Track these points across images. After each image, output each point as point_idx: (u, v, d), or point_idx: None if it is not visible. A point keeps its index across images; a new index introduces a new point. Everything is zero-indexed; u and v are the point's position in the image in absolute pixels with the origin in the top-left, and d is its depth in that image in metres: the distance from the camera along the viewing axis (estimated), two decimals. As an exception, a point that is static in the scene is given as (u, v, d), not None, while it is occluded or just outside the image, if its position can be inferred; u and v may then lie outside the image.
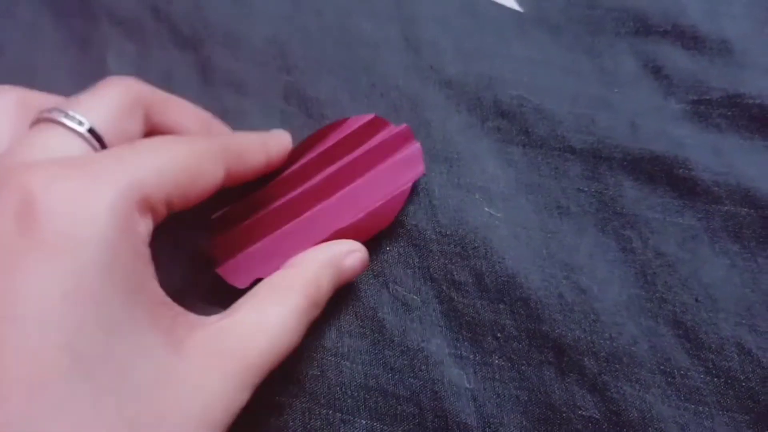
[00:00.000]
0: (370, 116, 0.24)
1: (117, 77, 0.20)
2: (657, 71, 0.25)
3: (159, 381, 0.15)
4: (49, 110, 0.18)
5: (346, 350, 0.22)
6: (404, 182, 0.23)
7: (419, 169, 0.23)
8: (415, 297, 0.23)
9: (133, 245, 0.15)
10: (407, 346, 0.22)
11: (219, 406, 0.16)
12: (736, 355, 0.21)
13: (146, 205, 0.16)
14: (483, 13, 0.27)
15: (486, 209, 0.23)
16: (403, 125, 0.24)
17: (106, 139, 0.18)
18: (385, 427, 0.21)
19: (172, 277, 0.20)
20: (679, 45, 0.25)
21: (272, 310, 0.18)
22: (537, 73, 0.25)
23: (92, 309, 0.14)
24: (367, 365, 0.22)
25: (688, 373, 0.21)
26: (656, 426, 0.20)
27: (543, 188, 0.24)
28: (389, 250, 0.23)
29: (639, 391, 0.21)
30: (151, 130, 0.20)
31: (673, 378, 0.21)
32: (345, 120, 0.24)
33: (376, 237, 0.23)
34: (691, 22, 0.25)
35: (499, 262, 0.22)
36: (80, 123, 0.18)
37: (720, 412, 0.20)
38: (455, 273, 0.22)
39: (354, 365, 0.22)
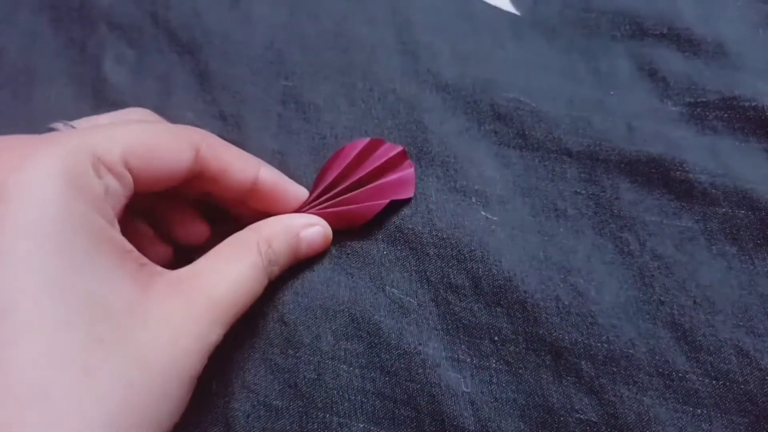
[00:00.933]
0: (366, 140, 0.24)
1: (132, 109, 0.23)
2: (653, 74, 0.25)
3: (126, 310, 0.16)
4: (60, 123, 0.21)
5: (343, 354, 0.22)
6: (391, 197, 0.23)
7: (409, 192, 0.23)
8: (411, 300, 0.22)
9: (90, 199, 0.17)
10: (404, 350, 0.22)
11: (188, 335, 0.17)
12: (734, 358, 0.21)
13: (101, 165, 0.18)
14: (479, 17, 0.27)
15: (482, 213, 0.23)
16: (400, 147, 0.24)
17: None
18: (383, 431, 0.21)
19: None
20: (675, 48, 0.25)
21: (230, 262, 0.20)
22: (533, 76, 0.25)
23: (54, 247, 0.16)
24: (364, 368, 0.22)
25: (687, 376, 0.21)
26: (654, 429, 0.20)
27: (540, 191, 0.24)
28: (386, 253, 0.23)
29: (636, 393, 0.21)
30: (200, 171, 0.21)
31: (671, 380, 0.21)
32: (342, 148, 0.24)
33: (374, 240, 0.23)
34: (686, 25, 0.25)
35: (495, 266, 0.22)
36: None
37: (718, 415, 0.20)
38: (452, 276, 0.22)
39: (351, 368, 0.22)
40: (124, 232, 0.19)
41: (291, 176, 0.24)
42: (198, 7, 0.28)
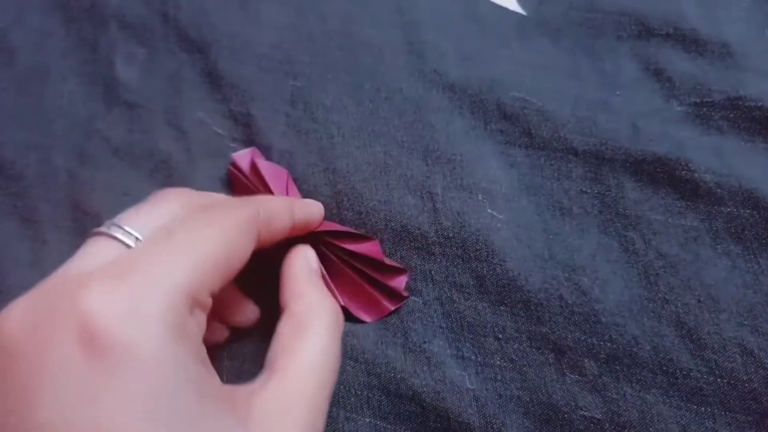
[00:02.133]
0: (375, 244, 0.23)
1: (173, 190, 0.21)
2: (658, 74, 0.25)
3: None
4: (107, 225, 0.18)
5: (350, 350, 0.22)
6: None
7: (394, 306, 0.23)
8: (416, 299, 0.23)
9: (191, 347, 0.16)
10: (409, 347, 0.22)
11: None
12: (738, 356, 0.21)
13: (194, 303, 0.16)
14: (485, 17, 0.27)
15: (489, 211, 0.23)
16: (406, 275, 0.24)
17: None
18: (389, 426, 0.22)
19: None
20: (680, 48, 0.25)
21: (308, 351, 0.19)
22: (539, 76, 0.25)
23: (172, 421, 0.14)
24: (371, 365, 0.22)
25: (691, 374, 0.21)
26: (657, 426, 0.20)
27: (545, 190, 0.24)
28: (392, 253, 0.23)
29: (640, 391, 0.21)
30: None
31: (675, 378, 0.21)
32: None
33: (380, 240, 0.24)
34: (691, 25, 0.25)
35: (500, 265, 0.22)
36: (136, 239, 0.18)
37: (722, 413, 0.20)
38: (457, 275, 0.23)
39: (358, 365, 0.22)
40: None
41: (299, 176, 0.25)
42: (207, 6, 0.28)
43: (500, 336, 0.22)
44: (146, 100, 0.27)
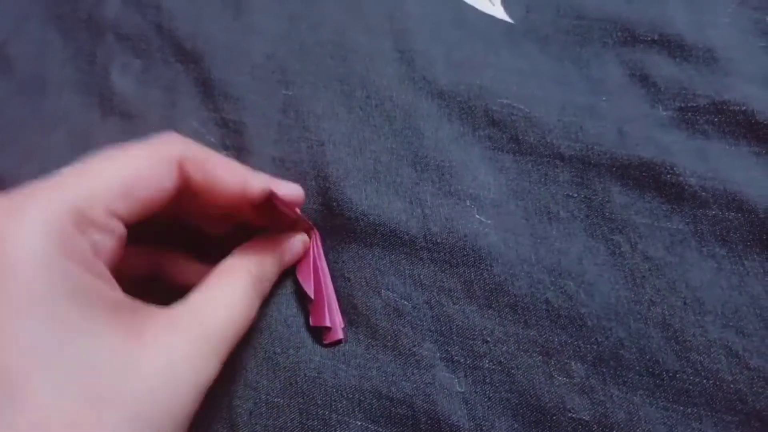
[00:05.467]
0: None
1: (164, 135, 0.21)
2: (644, 79, 0.25)
3: (120, 366, 0.17)
4: None
5: (341, 354, 0.23)
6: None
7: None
8: (406, 303, 0.23)
9: (77, 258, 0.17)
10: (399, 351, 0.22)
11: (186, 377, 0.17)
12: (723, 357, 0.21)
13: (84, 221, 0.18)
14: (473, 25, 0.28)
15: (477, 216, 0.24)
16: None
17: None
18: (380, 429, 0.22)
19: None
20: (666, 54, 0.25)
21: (222, 291, 0.20)
22: (526, 83, 0.26)
23: (45, 317, 0.16)
24: (362, 368, 0.22)
25: (677, 375, 0.21)
26: (644, 427, 0.21)
27: (532, 194, 0.24)
28: (381, 258, 0.24)
29: (626, 393, 0.21)
30: (185, 183, 0.21)
31: (662, 380, 0.21)
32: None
33: (369, 245, 0.24)
34: (676, 31, 0.25)
35: (487, 269, 0.23)
36: None
37: (708, 414, 0.21)
38: (445, 280, 0.23)
39: (349, 368, 0.23)
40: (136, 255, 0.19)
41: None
42: (201, 18, 0.29)
43: (488, 339, 0.22)
44: (141, 110, 0.28)
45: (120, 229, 0.19)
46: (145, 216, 0.20)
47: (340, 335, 0.23)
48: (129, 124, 0.28)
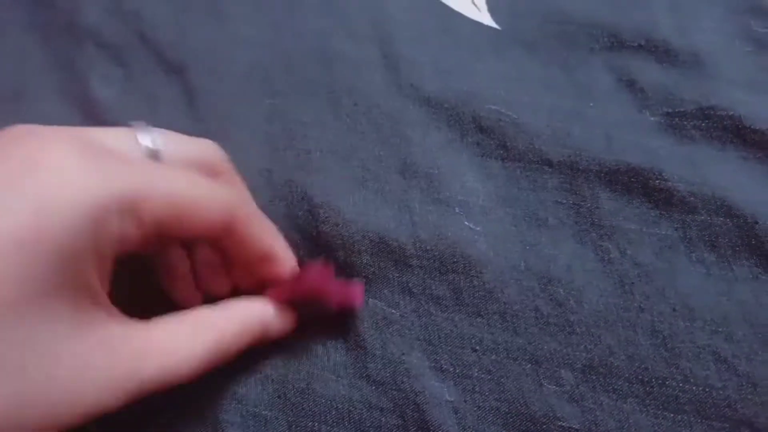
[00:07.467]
0: None
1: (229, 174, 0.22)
2: (631, 85, 0.25)
3: (50, 364, 0.16)
4: (140, 124, 0.20)
5: (331, 364, 0.23)
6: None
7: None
8: (393, 311, 0.23)
9: (94, 245, 0.16)
10: (388, 359, 0.22)
11: (88, 402, 0.16)
12: (712, 364, 0.21)
13: (130, 210, 0.17)
14: (460, 31, 0.27)
15: (466, 223, 0.24)
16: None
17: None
18: (370, 440, 0.22)
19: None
20: (652, 59, 0.25)
21: (182, 342, 0.19)
22: (514, 89, 0.26)
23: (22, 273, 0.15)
24: (351, 378, 0.22)
25: (666, 382, 0.21)
26: (635, 435, 0.20)
27: (521, 201, 0.24)
28: (369, 265, 0.24)
29: (616, 401, 0.21)
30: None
31: (651, 387, 0.21)
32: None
33: (357, 252, 0.24)
34: (663, 36, 0.25)
35: (476, 277, 0.23)
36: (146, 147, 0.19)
37: (698, 421, 0.21)
38: (434, 288, 0.23)
39: (338, 378, 0.22)
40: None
41: (277, 194, 0.25)
42: (184, 26, 0.28)
43: (477, 348, 0.22)
44: (123, 119, 0.27)
45: (149, 233, 0.18)
46: (174, 239, 0.19)
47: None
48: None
